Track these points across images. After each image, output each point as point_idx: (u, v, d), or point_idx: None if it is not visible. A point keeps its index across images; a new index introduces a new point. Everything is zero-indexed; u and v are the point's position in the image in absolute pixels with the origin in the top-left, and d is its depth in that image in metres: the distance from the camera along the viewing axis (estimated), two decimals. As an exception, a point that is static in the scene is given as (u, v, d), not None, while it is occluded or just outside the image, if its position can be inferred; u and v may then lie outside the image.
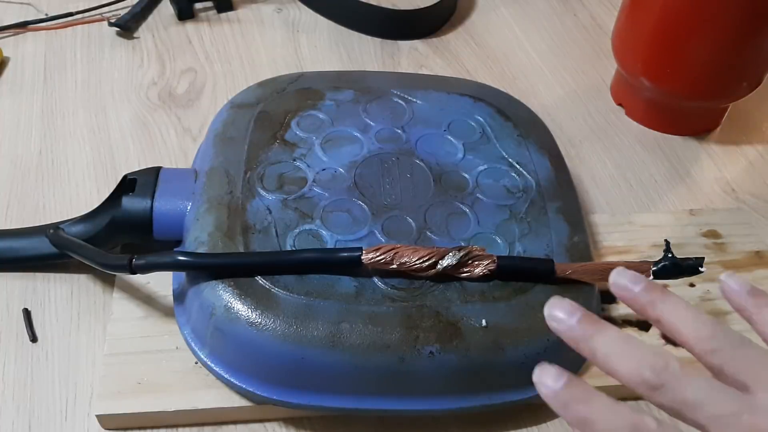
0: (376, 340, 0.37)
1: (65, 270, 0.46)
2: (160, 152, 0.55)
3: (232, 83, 0.61)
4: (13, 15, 0.66)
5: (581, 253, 0.43)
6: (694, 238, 0.49)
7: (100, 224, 0.44)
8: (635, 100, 0.59)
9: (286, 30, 0.66)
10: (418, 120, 0.48)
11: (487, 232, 0.43)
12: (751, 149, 0.58)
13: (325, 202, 0.43)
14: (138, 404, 0.39)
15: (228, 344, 0.38)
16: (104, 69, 0.62)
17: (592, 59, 0.65)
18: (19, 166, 0.53)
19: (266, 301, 0.38)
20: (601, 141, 0.58)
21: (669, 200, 0.54)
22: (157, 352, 0.41)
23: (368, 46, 0.65)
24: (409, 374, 0.38)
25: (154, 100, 0.59)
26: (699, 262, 0.40)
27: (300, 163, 0.45)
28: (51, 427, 0.40)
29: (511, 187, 0.45)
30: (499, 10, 0.70)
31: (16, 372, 0.42)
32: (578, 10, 0.71)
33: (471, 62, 0.64)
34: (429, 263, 0.39)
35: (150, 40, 0.65)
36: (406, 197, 0.44)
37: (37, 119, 0.57)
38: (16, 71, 0.61)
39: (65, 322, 0.44)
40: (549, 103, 0.61)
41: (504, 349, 0.38)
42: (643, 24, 0.54)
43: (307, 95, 0.49)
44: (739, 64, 0.54)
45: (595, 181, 0.55)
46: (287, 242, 0.41)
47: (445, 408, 0.39)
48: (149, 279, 0.44)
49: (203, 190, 0.43)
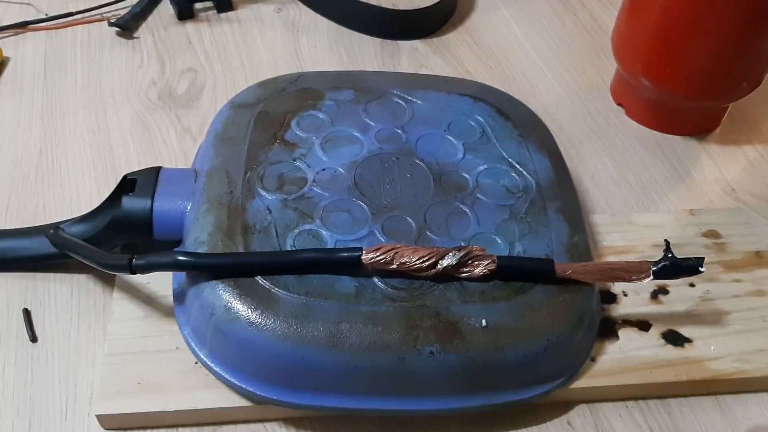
0: (376, 340, 0.37)
1: (65, 270, 0.46)
2: (160, 152, 0.55)
3: (232, 83, 0.61)
4: (13, 15, 0.66)
5: (581, 253, 0.43)
6: (694, 238, 0.49)
7: (100, 224, 0.44)
8: (635, 100, 0.59)
9: (286, 30, 0.66)
10: (418, 120, 0.48)
11: (487, 232, 0.43)
12: (751, 149, 0.58)
13: (325, 202, 0.43)
14: (138, 404, 0.39)
15: (228, 344, 0.38)
16: (104, 69, 0.62)
17: (592, 59, 0.65)
18: (19, 166, 0.53)
19: (266, 301, 0.38)
20: (601, 141, 0.58)
21: (669, 200, 0.54)
22: (157, 352, 0.41)
23: (368, 46, 0.65)
24: (409, 374, 0.38)
25: (154, 100, 0.59)
26: (699, 262, 0.40)
27: (300, 163, 0.45)
28: (51, 427, 0.40)
29: (511, 187, 0.45)
30: (499, 10, 0.70)
31: (16, 372, 0.42)
32: (578, 10, 0.71)
33: (471, 62, 0.64)
34: (429, 263, 0.39)
35: (150, 40, 0.65)
36: (406, 197, 0.44)
37: (37, 119, 0.57)
38: (16, 71, 0.61)
39: (65, 322, 0.44)
40: (549, 103, 0.61)
41: (504, 349, 0.38)
42: (643, 24, 0.54)
43: (307, 95, 0.49)
44: (739, 64, 0.54)
45: (595, 181, 0.55)
46: (287, 242, 0.41)
47: (445, 408, 0.39)
48: (149, 279, 0.44)
49: (203, 190, 0.43)
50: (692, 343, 0.43)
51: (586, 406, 0.42)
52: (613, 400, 0.42)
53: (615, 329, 0.43)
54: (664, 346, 0.43)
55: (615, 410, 0.42)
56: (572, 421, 0.41)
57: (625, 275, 0.40)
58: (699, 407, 0.42)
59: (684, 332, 0.43)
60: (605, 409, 0.42)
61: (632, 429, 0.41)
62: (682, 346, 0.43)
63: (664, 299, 0.45)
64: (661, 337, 0.43)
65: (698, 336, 0.43)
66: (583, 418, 0.41)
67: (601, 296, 0.44)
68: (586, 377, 0.41)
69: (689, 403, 0.42)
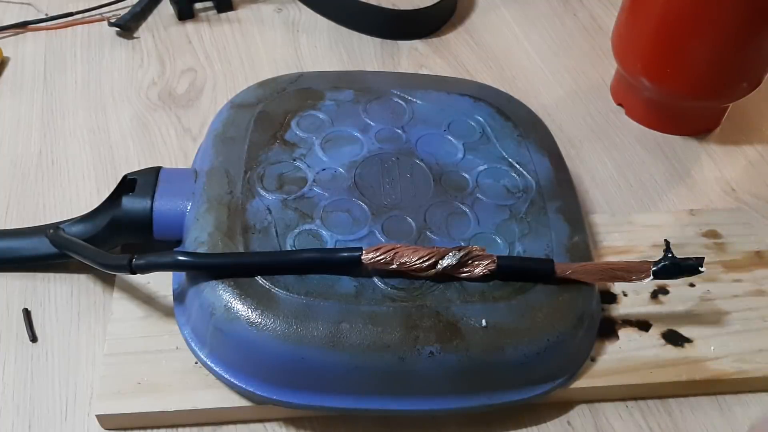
0: (376, 340, 0.37)
1: (65, 270, 0.46)
2: (160, 152, 0.55)
3: (232, 83, 0.61)
4: (13, 15, 0.66)
5: (581, 253, 0.43)
6: (694, 238, 0.49)
7: (100, 224, 0.44)
8: (635, 100, 0.59)
9: (286, 30, 0.66)
10: (418, 120, 0.48)
11: (487, 232, 0.43)
12: (751, 149, 0.58)
13: (325, 202, 0.43)
14: (138, 404, 0.39)
15: (228, 344, 0.38)
16: (104, 69, 0.62)
17: (592, 59, 0.65)
18: (19, 166, 0.53)
19: (266, 301, 0.38)
20: (601, 141, 0.58)
21: (669, 200, 0.54)
22: (157, 352, 0.41)
23: (368, 46, 0.65)
24: (409, 374, 0.38)
25: (154, 100, 0.59)
26: (699, 262, 0.40)
27: (300, 163, 0.45)
28: (51, 427, 0.40)
29: (511, 187, 0.45)
30: (499, 10, 0.70)
31: (16, 372, 0.42)
32: (578, 10, 0.71)
33: (471, 62, 0.64)
34: (429, 263, 0.39)
35: (150, 40, 0.65)
36: (406, 197, 0.44)
37: (37, 119, 0.57)
38: (16, 71, 0.61)
39: (65, 322, 0.44)
40: (549, 103, 0.61)
41: (504, 349, 0.38)
42: (643, 24, 0.54)
43: (307, 95, 0.49)
44: (739, 64, 0.54)
45: (595, 181, 0.55)
46: (287, 242, 0.41)
47: (445, 408, 0.39)
48: (149, 279, 0.44)
49: (203, 190, 0.43)
50: (692, 343, 0.43)
51: (586, 406, 0.42)
52: (613, 400, 0.42)
53: (615, 329, 0.43)
54: (664, 346, 0.43)
55: (615, 410, 0.42)
56: (572, 421, 0.41)
57: (625, 275, 0.40)
58: (699, 407, 0.42)
59: (684, 332, 0.43)
60: (605, 409, 0.42)
61: (632, 429, 0.41)
62: (682, 346, 0.43)
63: (664, 299, 0.45)
64: (661, 337, 0.43)
65: (698, 336, 0.43)
66: (583, 418, 0.41)
67: (601, 296, 0.44)
68: (586, 377, 0.41)
69: (689, 403, 0.42)
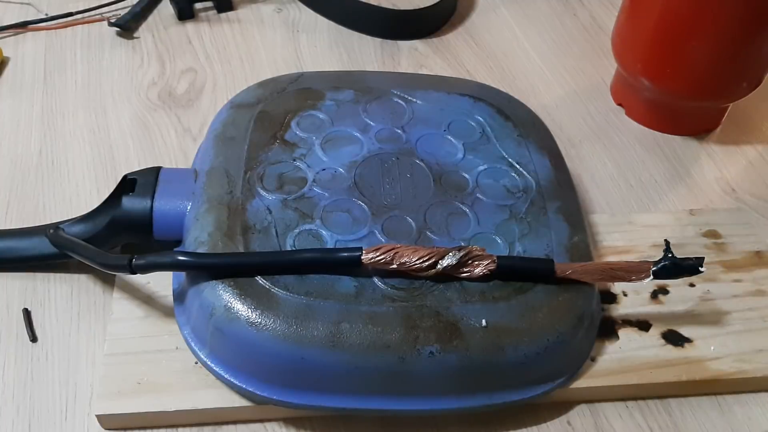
0: (376, 340, 0.37)
1: (65, 270, 0.46)
2: (160, 152, 0.55)
3: (232, 83, 0.61)
4: (13, 15, 0.66)
5: (581, 253, 0.43)
6: (694, 238, 0.49)
7: (100, 224, 0.44)
8: (635, 100, 0.59)
9: (286, 30, 0.66)
10: (418, 120, 0.48)
11: (487, 232, 0.43)
12: (751, 149, 0.58)
13: (325, 202, 0.43)
14: (138, 404, 0.39)
15: (228, 344, 0.38)
16: (104, 69, 0.62)
17: (592, 59, 0.65)
18: (19, 166, 0.53)
19: (266, 301, 0.38)
20: (601, 141, 0.58)
21: (669, 200, 0.54)
22: (157, 352, 0.41)
23: (368, 46, 0.65)
24: (409, 374, 0.38)
25: (154, 100, 0.59)
26: (699, 262, 0.40)
27: (300, 163, 0.45)
28: (51, 427, 0.40)
29: (511, 187, 0.45)
30: (499, 10, 0.70)
31: (16, 372, 0.42)
32: (578, 10, 0.71)
33: (471, 62, 0.64)
34: (429, 263, 0.39)
35: (150, 40, 0.65)
36: (406, 197, 0.44)
37: (37, 119, 0.57)
38: (16, 71, 0.61)
39: (65, 322, 0.44)
40: (549, 103, 0.61)
41: (504, 349, 0.38)
42: (643, 24, 0.54)
43: (307, 95, 0.49)
44: (739, 64, 0.54)
45: (595, 181, 0.55)
46: (287, 242, 0.41)
47: (445, 408, 0.39)
48: (149, 279, 0.44)
49: (203, 190, 0.43)
50: (692, 343, 0.43)
51: (586, 406, 0.42)
52: (613, 400, 0.42)
53: (615, 329, 0.43)
54: (664, 346, 0.43)
55: (615, 410, 0.42)
56: (572, 421, 0.41)
57: (625, 275, 0.40)
58: (699, 407, 0.42)
59: (684, 332, 0.43)
60: (605, 409, 0.42)
61: (632, 429, 0.41)
62: (682, 346, 0.43)
63: (664, 299, 0.45)
64: (661, 337, 0.43)
65: (698, 336, 0.43)
66: (583, 418, 0.41)
67: (601, 296, 0.44)
68: (586, 377, 0.41)
69: (689, 403, 0.42)
